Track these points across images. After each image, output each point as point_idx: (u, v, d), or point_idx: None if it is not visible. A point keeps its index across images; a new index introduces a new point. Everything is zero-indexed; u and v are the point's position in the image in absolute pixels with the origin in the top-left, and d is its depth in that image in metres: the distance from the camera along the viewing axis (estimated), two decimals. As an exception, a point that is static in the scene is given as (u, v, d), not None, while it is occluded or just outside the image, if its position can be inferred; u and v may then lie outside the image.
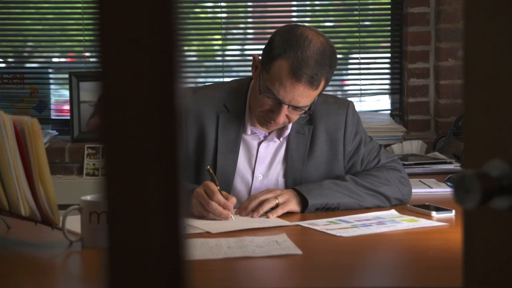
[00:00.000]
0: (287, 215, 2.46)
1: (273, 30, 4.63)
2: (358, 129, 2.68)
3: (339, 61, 2.61)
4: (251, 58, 4.66)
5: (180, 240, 0.59)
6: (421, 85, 4.46)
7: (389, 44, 4.66)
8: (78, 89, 4.39)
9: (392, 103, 4.66)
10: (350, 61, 4.69)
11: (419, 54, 4.45)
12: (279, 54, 2.43)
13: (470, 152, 1.36)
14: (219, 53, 4.75)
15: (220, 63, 4.72)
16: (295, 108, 2.47)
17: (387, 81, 4.68)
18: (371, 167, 2.66)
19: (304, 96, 2.44)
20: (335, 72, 2.57)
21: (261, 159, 2.63)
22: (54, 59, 4.72)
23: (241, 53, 4.80)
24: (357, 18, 4.66)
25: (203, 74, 4.75)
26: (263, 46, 4.79)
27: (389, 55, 4.66)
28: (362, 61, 4.64)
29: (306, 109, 2.50)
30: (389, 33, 4.66)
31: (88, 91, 4.42)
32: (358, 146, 2.66)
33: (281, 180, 2.63)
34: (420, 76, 4.46)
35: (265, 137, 2.62)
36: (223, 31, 4.72)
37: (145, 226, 0.59)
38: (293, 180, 2.61)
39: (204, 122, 2.59)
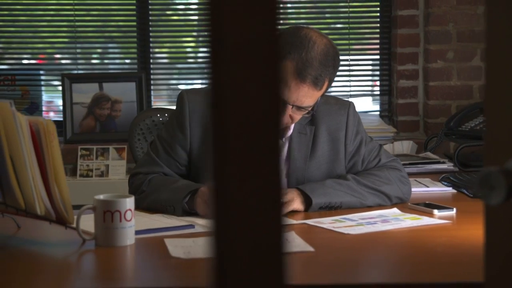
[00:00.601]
0: (291, 214, 2.50)
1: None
2: (359, 129, 2.73)
3: None
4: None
5: (282, 234, 0.63)
6: (410, 87, 4.53)
7: (378, 46, 4.72)
8: (71, 91, 4.42)
9: (381, 104, 4.73)
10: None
11: (408, 56, 4.52)
12: (283, 55, 2.47)
13: (491, 150, 1.41)
14: (192, 55, 4.81)
15: (193, 65, 4.79)
16: (299, 108, 2.51)
17: (376, 83, 4.74)
18: (372, 166, 2.71)
19: (308, 96, 2.48)
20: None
21: (264, 159, 2.67)
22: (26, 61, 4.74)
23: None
24: (347, 20, 4.72)
25: (175, 76, 4.79)
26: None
27: (378, 57, 4.72)
28: (351, 63, 4.70)
29: (310, 109, 2.55)
30: (378, 35, 4.72)
31: (81, 93, 4.44)
32: (359, 146, 2.71)
33: (283, 179, 2.67)
34: (410, 77, 4.53)
35: (268, 138, 2.67)
36: (196, 33, 4.79)
37: (254, 222, 0.63)
38: (296, 179, 2.66)
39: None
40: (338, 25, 4.79)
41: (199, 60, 4.80)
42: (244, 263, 0.63)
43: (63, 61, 4.74)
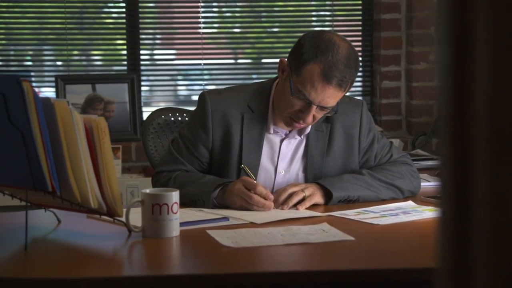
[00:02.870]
0: (311, 207, 2.64)
1: (181, 36, 4.87)
2: (371, 126, 2.88)
3: None
4: (160, 62, 4.90)
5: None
6: (394, 87, 4.71)
7: (360, 49, 4.89)
8: (65, 92, 4.50)
9: (364, 105, 4.89)
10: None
11: (391, 57, 4.70)
12: (310, 59, 2.60)
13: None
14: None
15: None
16: (322, 108, 2.65)
17: (359, 84, 4.91)
18: (384, 162, 2.87)
19: (332, 97, 2.62)
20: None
21: (283, 156, 2.80)
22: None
23: (150, 57, 4.97)
24: (330, 23, 4.88)
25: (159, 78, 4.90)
26: (171, 51, 5.01)
27: (360, 59, 4.89)
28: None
29: (331, 109, 2.68)
30: (360, 38, 4.89)
31: (74, 94, 4.53)
32: (372, 142, 2.86)
33: (301, 174, 2.81)
34: (393, 78, 4.71)
35: (286, 135, 2.80)
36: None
37: (494, 204, 0.74)
38: (313, 174, 2.80)
39: (230, 121, 2.75)
40: (258, 29, 4.97)
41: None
42: (486, 246, 0.73)
43: (57, 63, 4.81)
